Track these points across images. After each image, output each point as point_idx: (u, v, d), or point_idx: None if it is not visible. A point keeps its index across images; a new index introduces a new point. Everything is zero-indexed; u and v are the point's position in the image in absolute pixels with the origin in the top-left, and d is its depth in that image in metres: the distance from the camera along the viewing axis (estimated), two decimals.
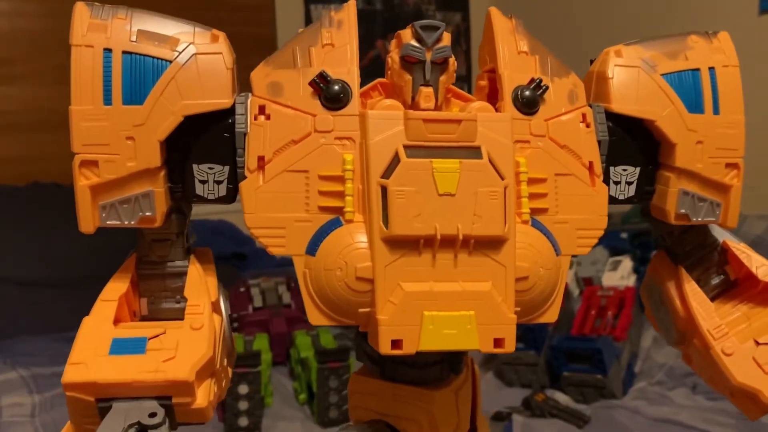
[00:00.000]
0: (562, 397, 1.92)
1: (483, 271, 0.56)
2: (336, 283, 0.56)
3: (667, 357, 2.09)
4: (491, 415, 1.76)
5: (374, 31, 3.73)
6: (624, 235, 2.41)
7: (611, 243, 2.38)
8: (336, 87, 0.58)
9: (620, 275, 2.24)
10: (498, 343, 0.55)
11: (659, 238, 0.74)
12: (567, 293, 2.17)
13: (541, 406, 1.85)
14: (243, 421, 1.78)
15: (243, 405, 1.78)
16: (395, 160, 0.56)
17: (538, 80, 0.62)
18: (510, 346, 0.55)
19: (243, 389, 1.78)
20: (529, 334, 1.96)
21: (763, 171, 2.06)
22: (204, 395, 0.57)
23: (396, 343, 0.54)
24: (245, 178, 0.59)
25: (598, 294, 2.11)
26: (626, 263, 2.28)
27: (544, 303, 0.59)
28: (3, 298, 2.46)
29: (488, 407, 1.83)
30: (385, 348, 0.54)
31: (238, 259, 2.92)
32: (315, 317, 0.58)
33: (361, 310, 0.56)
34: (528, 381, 2.00)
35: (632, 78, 0.65)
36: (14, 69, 2.88)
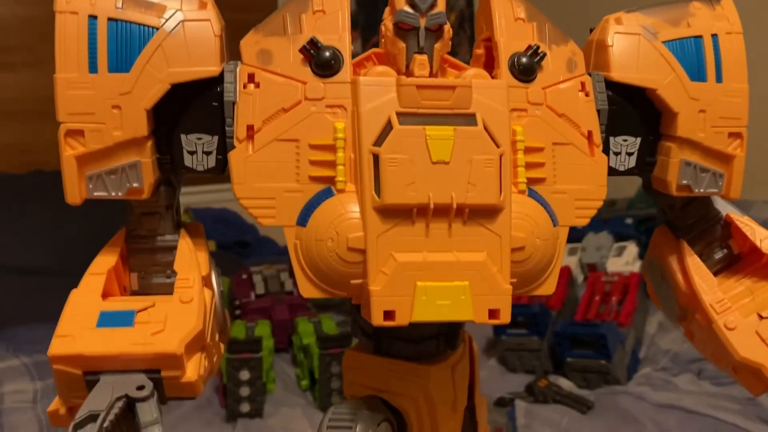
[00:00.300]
0: (565, 383, 1.90)
1: (478, 241, 0.54)
2: (327, 254, 0.54)
3: (672, 343, 2.07)
4: (494, 400, 1.75)
5: (377, 19, 3.70)
6: (629, 221, 2.38)
7: (616, 229, 2.35)
8: (327, 53, 0.57)
9: (625, 261, 2.22)
10: (493, 314, 0.54)
11: (661, 212, 0.73)
12: (571, 279, 2.15)
13: (544, 392, 1.84)
14: (245, 407, 1.78)
15: (245, 391, 1.78)
16: (387, 128, 0.54)
17: (535, 47, 0.60)
18: (505, 317, 0.54)
19: (244, 375, 1.78)
20: (532, 319, 1.95)
21: None
22: (194, 369, 0.56)
23: (389, 315, 0.53)
24: (234, 148, 0.57)
25: (603, 280, 2.09)
26: (631, 249, 2.26)
27: (540, 274, 0.58)
28: (5, 286, 2.46)
29: (491, 393, 1.82)
30: (377, 319, 0.53)
31: (241, 247, 2.92)
32: (306, 289, 0.56)
33: (353, 281, 0.55)
34: (531, 367, 1.98)
35: (633, 46, 0.63)
36: (15, 56, 2.87)
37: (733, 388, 1.84)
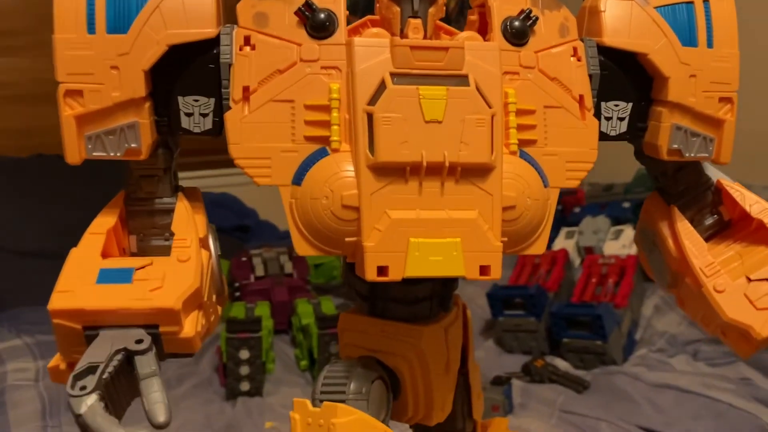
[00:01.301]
0: (561, 363, 1.92)
1: (469, 199, 0.55)
2: (322, 211, 0.55)
3: (668, 325, 2.08)
4: (491, 379, 1.76)
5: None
6: (626, 205, 2.39)
7: (614, 213, 2.37)
8: (322, 15, 0.58)
9: (622, 244, 2.23)
10: (484, 270, 0.55)
11: (652, 179, 0.73)
12: (568, 262, 2.16)
13: (540, 372, 1.86)
14: (245, 386, 1.79)
15: (244, 370, 1.79)
16: (381, 87, 0.55)
17: (527, 11, 0.61)
18: (496, 272, 0.55)
19: (244, 354, 1.79)
20: (529, 301, 1.96)
21: None
22: (191, 325, 0.57)
23: (382, 270, 0.54)
24: (230, 109, 0.58)
25: (600, 262, 2.10)
26: (628, 232, 2.27)
27: (531, 234, 0.59)
28: (8, 269, 2.48)
29: (488, 373, 1.84)
30: (371, 274, 0.54)
31: (241, 231, 2.93)
32: (302, 247, 0.58)
33: (347, 239, 0.56)
34: (528, 348, 2.00)
35: (625, 11, 0.64)
36: (17, 40, 2.87)
37: (728, 368, 1.85)
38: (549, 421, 1.67)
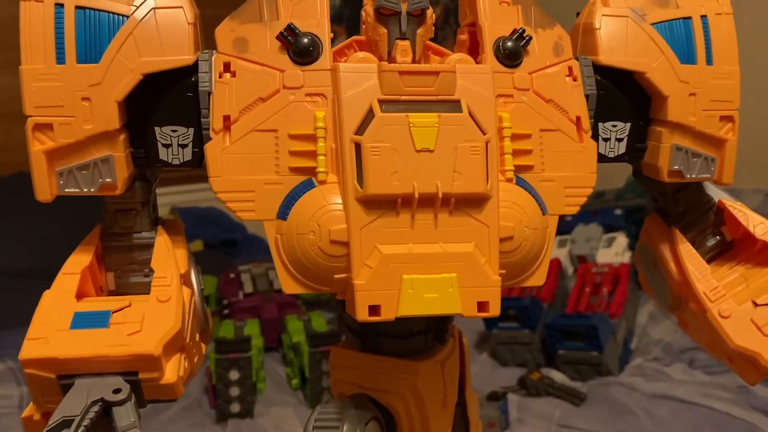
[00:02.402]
0: (557, 376, 1.89)
1: (465, 231, 0.53)
2: (309, 247, 0.52)
3: (663, 333, 2.07)
4: (486, 395, 1.73)
5: None
6: (618, 212, 2.37)
7: (605, 220, 2.35)
8: (305, 40, 0.55)
9: (615, 252, 2.21)
10: (482, 306, 0.52)
11: (652, 200, 0.71)
12: (561, 271, 2.14)
13: (536, 385, 1.83)
14: (235, 407, 1.75)
15: (234, 391, 1.75)
16: (369, 115, 0.52)
17: (520, 31, 0.58)
18: (495, 309, 0.52)
19: (234, 375, 1.75)
20: (523, 313, 1.93)
21: (759, 144, 2.03)
22: (173, 370, 0.54)
23: (374, 309, 0.51)
24: (210, 139, 0.55)
25: (593, 271, 2.08)
26: (621, 240, 2.25)
27: (530, 265, 0.56)
28: None
29: (483, 387, 1.81)
30: (362, 314, 0.51)
31: (228, 246, 2.89)
32: (289, 285, 0.54)
33: (336, 276, 0.53)
34: (523, 360, 1.97)
35: (620, 28, 0.61)
36: None
37: (725, 377, 1.83)
38: None
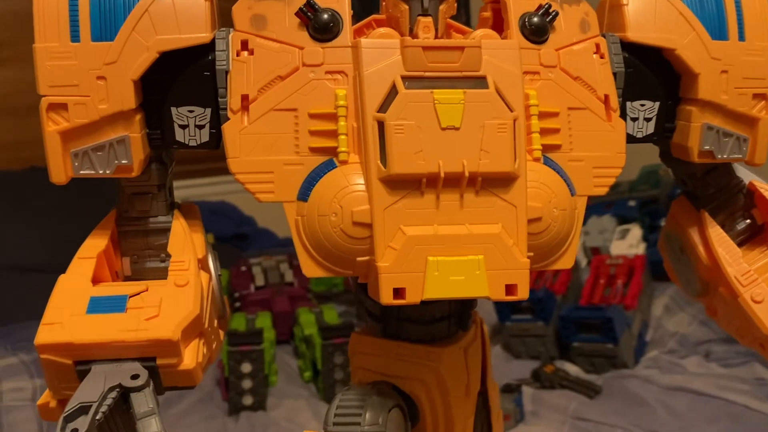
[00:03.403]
0: (572, 368, 1.88)
1: (492, 212, 0.51)
2: (331, 229, 0.51)
3: (678, 325, 2.04)
4: (501, 387, 1.72)
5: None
6: (632, 203, 2.35)
7: (619, 211, 2.32)
8: (325, 16, 0.53)
9: (629, 243, 2.19)
10: (510, 289, 0.50)
11: (679, 182, 0.69)
12: (575, 263, 2.12)
13: (550, 378, 1.81)
14: (247, 400, 1.75)
15: (247, 384, 1.75)
16: (392, 93, 0.51)
17: (546, 6, 0.56)
18: (523, 292, 0.50)
19: (246, 368, 1.75)
20: (537, 304, 1.91)
21: None
22: (191, 356, 0.52)
23: (398, 292, 0.49)
24: (228, 120, 0.53)
25: (607, 263, 2.06)
26: (635, 231, 2.23)
27: (558, 247, 0.54)
28: (3, 284, 2.43)
29: (497, 380, 1.77)
30: (386, 297, 0.49)
31: (239, 239, 2.88)
32: (310, 269, 0.53)
33: (359, 258, 0.51)
34: (537, 353, 1.95)
35: (649, 3, 0.59)
36: (4, 52, 2.82)
37: (742, 369, 1.81)
38: (561, 429, 1.62)
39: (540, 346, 1.95)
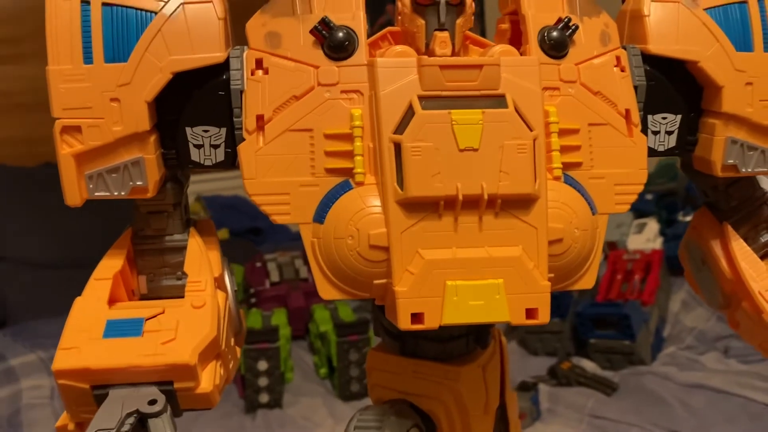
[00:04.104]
0: (588, 365, 1.87)
1: (512, 234, 0.50)
2: (347, 252, 0.50)
3: (697, 321, 2.03)
4: (517, 385, 1.71)
5: None
6: (649, 197, 2.33)
7: (636, 205, 2.26)
8: (340, 34, 0.52)
9: (646, 238, 2.17)
10: (531, 313, 0.49)
11: (701, 194, 0.68)
12: None
13: (567, 375, 1.81)
14: (264, 398, 1.76)
15: (263, 381, 1.76)
16: (409, 113, 0.50)
17: (566, 19, 0.55)
18: (544, 316, 0.49)
19: (262, 365, 1.75)
20: (553, 301, 1.89)
21: None
22: (209, 379, 0.52)
23: (416, 317, 0.49)
24: (243, 140, 0.53)
25: (624, 258, 2.04)
26: (652, 225, 2.21)
27: (580, 267, 0.53)
28: (20, 281, 2.45)
29: (513, 377, 1.78)
30: (404, 323, 0.49)
31: (253, 233, 2.88)
32: (326, 291, 0.52)
33: (376, 281, 0.51)
34: (553, 349, 1.95)
35: (671, 14, 0.58)
36: (21, 48, 2.83)
37: (762, 365, 1.79)
38: (579, 427, 1.62)
39: (556, 343, 1.94)
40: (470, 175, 0.49)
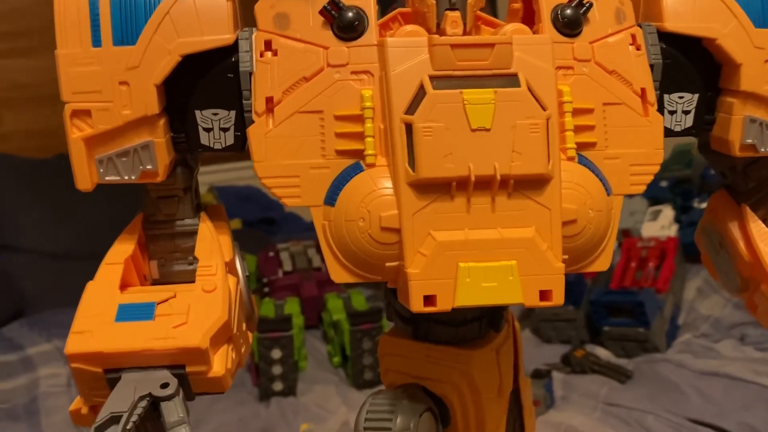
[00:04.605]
0: (602, 353, 1.85)
1: (525, 215, 0.49)
2: (359, 234, 0.50)
3: (712, 308, 2.01)
4: (530, 372, 1.71)
5: None
6: (664, 183, 2.30)
7: (651, 192, 2.27)
8: (350, 14, 0.52)
9: (660, 225, 2.15)
10: (544, 295, 0.49)
11: (719, 175, 0.67)
12: None
13: (581, 363, 1.79)
14: (277, 386, 1.76)
15: (277, 369, 1.76)
16: (420, 93, 0.49)
17: None
18: (558, 298, 0.49)
19: (276, 354, 1.76)
20: (566, 288, 1.88)
21: None
22: (221, 363, 0.52)
23: (429, 299, 0.48)
24: (253, 122, 0.52)
25: (638, 245, 2.02)
26: (667, 212, 2.18)
27: (594, 249, 0.53)
28: (36, 271, 2.47)
29: (527, 365, 1.76)
30: (417, 305, 0.48)
31: (266, 224, 2.89)
32: (338, 274, 0.52)
33: (388, 264, 0.50)
34: (567, 337, 1.93)
35: None
36: (33, 41, 2.84)
37: None
38: (593, 415, 1.61)
39: (570, 331, 1.93)
40: (482, 155, 0.48)
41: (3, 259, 2.48)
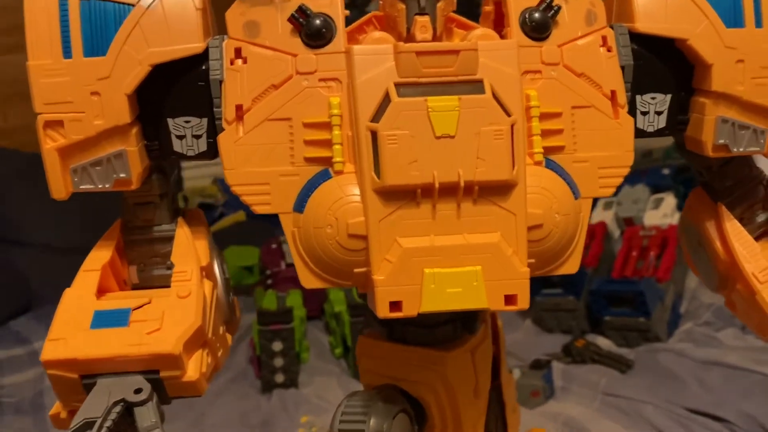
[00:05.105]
0: (603, 342, 1.86)
1: (490, 220, 0.50)
2: (327, 241, 0.50)
3: (714, 297, 1.99)
4: (530, 363, 1.71)
5: None
6: (666, 171, 2.29)
7: (653, 180, 2.26)
8: (317, 21, 0.52)
9: (663, 213, 2.14)
10: (510, 300, 0.49)
11: (696, 174, 0.67)
12: (607, 235, 2.08)
13: (581, 352, 1.80)
14: (279, 378, 1.78)
15: (278, 362, 1.78)
16: (386, 101, 0.49)
17: (548, 0, 0.54)
18: (523, 302, 0.49)
19: (277, 346, 1.77)
20: (567, 278, 1.89)
21: None
22: (195, 367, 0.53)
23: (395, 305, 0.49)
24: (223, 130, 0.53)
25: (640, 234, 2.01)
26: (669, 200, 2.17)
27: (562, 253, 0.53)
28: (44, 265, 2.50)
29: (527, 355, 1.79)
30: (383, 311, 0.49)
31: (270, 216, 2.90)
32: (308, 280, 0.53)
33: (356, 270, 0.51)
34: (568, 327, 1.93)
35: None
36: None
37: None
38: (592, 405, 1.61)
39: (571, 320, 1.93)
40: (447, 162, 0.49)
41: (10, 253, 2.51)
